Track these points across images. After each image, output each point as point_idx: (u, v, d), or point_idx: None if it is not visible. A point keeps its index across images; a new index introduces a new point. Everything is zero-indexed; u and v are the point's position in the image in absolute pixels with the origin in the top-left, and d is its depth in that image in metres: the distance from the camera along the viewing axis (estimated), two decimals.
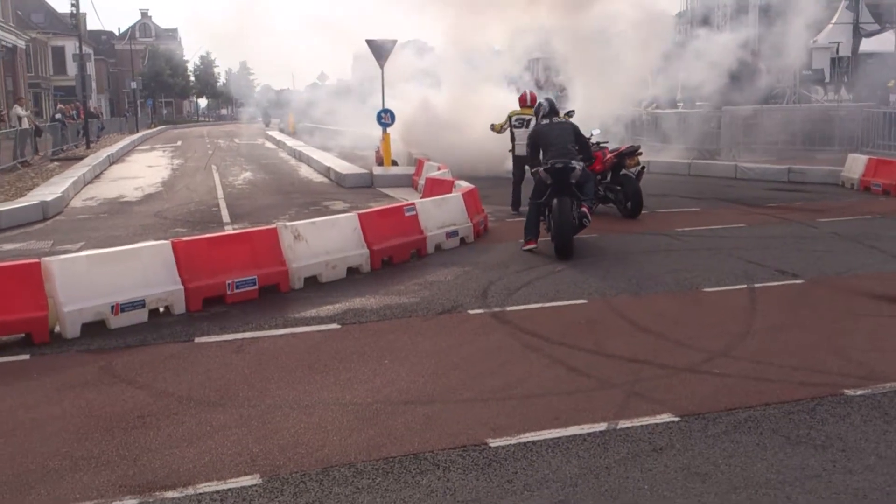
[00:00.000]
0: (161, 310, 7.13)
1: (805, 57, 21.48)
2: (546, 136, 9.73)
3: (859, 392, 5.05)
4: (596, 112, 19.90)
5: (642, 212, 12.15)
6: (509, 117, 13.31)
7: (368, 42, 19.17)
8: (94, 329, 6.61)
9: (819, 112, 19.86)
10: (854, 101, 20.06)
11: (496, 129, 13.67)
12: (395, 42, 19.52)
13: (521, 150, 12.80)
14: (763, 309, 7.08)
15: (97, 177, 21.50)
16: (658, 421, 4.65)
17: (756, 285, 7.83)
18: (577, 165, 9.41)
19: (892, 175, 14.07)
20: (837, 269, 8.46)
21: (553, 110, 10.05)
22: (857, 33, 22.91)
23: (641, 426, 4.58)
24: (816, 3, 19.55)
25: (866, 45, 23.58)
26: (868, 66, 22.39)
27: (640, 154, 12.66)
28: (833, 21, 22.18)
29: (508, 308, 7.19)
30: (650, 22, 20.37)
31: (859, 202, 13.43)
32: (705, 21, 21.41)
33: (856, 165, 15.19)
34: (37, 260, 6.66)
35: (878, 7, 23.25)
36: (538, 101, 10.44)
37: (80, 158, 25.19)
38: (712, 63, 20.09)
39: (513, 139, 13.17)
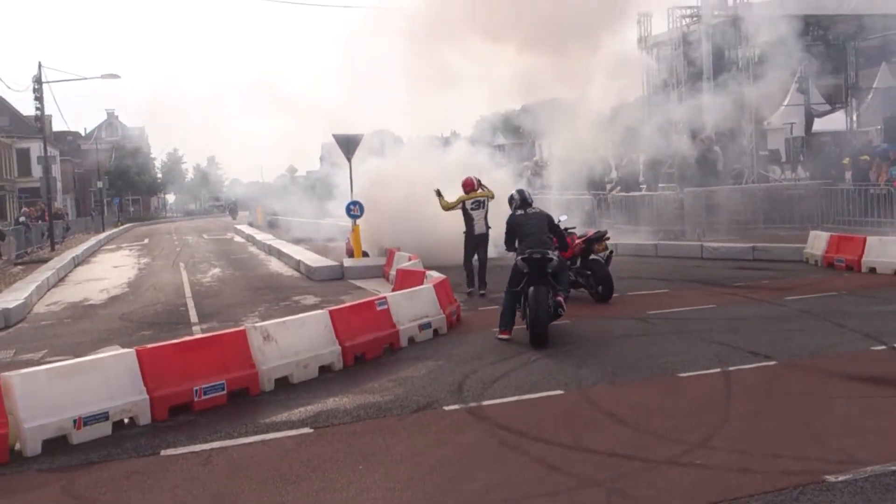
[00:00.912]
0: (126, 421, 6.89)
1: (760, 138, 22.18)
2: (522, 225, 9.88)
3: (840, 478, 5.00)
4: (562, 196, 20.28)
5: (613, 295, 12.23)
6: (462, 201, 13.71)
7: (336, 137, 19.46)
8: (56, 444, 6.35)
9: (778, 191, 20.38)
10: (811, 179, 20.62)
11: (444, 204, 14.04)
12: (361, 136, 19.85)
13: (480, 228, 13.59)
14: (739, 394, 7.05)
15: (61, 280, 21.16)
16: None
17: (730, 368, 7.82)
18: (554, 256, 9.57)
19: (854, 250, 14.38)
20: (809, 350, 8.50)
21: (525, 201, 10.18)
22: (809, 114, 23.74)
23: None
24: (770, 83, 20.25)
25: (818, 124, 24.43)
26: (822, 144, 23.15)
27: (608, 239, 12.84)
28: (785, 103, 23.02)
29: (485, 402, 7.07)
30: (615, 104, 21.10)
31: (824, 278, 13.65)
32: (665, 86, 22.09)
33: (818, 242, 15.51)
34: None
35: (827, 88, 24.18)
36: (510, 194, 10.57)
37: (45, 261, 24.88)
38: (671, 145, 20.72)
39: (470, 220, 13.67)
